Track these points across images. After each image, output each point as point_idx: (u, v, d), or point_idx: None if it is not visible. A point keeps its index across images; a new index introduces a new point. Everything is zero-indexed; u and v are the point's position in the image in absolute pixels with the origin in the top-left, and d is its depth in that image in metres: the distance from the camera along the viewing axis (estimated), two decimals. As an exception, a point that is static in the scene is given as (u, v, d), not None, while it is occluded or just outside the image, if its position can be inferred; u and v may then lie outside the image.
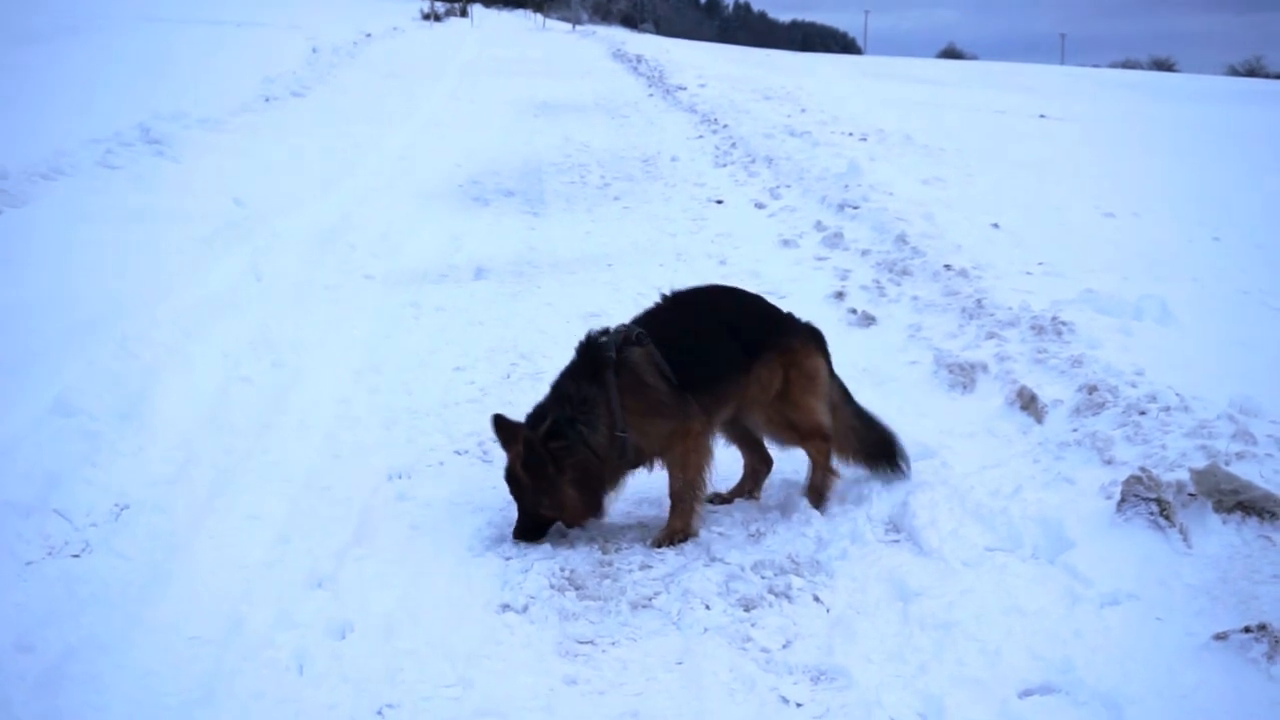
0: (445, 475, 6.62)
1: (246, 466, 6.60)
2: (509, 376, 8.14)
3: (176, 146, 15.57)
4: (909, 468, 6.32)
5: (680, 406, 5.75)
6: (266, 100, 22.01)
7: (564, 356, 8.31)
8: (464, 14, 75.79)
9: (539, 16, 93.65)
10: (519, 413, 7.04)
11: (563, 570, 5.45)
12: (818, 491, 6.14)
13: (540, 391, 7.67)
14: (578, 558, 5.62)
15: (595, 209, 14.26)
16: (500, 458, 6.74)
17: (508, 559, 5.58)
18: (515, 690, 4.52)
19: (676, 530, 5.78)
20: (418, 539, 5.81)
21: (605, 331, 5.98)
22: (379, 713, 4.38)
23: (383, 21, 45.81)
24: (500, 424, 5.79)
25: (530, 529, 5.77)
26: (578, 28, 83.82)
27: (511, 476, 5.78)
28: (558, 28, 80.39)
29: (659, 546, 5.69)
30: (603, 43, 53.40)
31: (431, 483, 6.50)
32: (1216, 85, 48.85)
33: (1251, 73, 72.45)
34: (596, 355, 5.85)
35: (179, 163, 15.01)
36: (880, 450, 6.33)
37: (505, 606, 5.13)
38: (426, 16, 66.19)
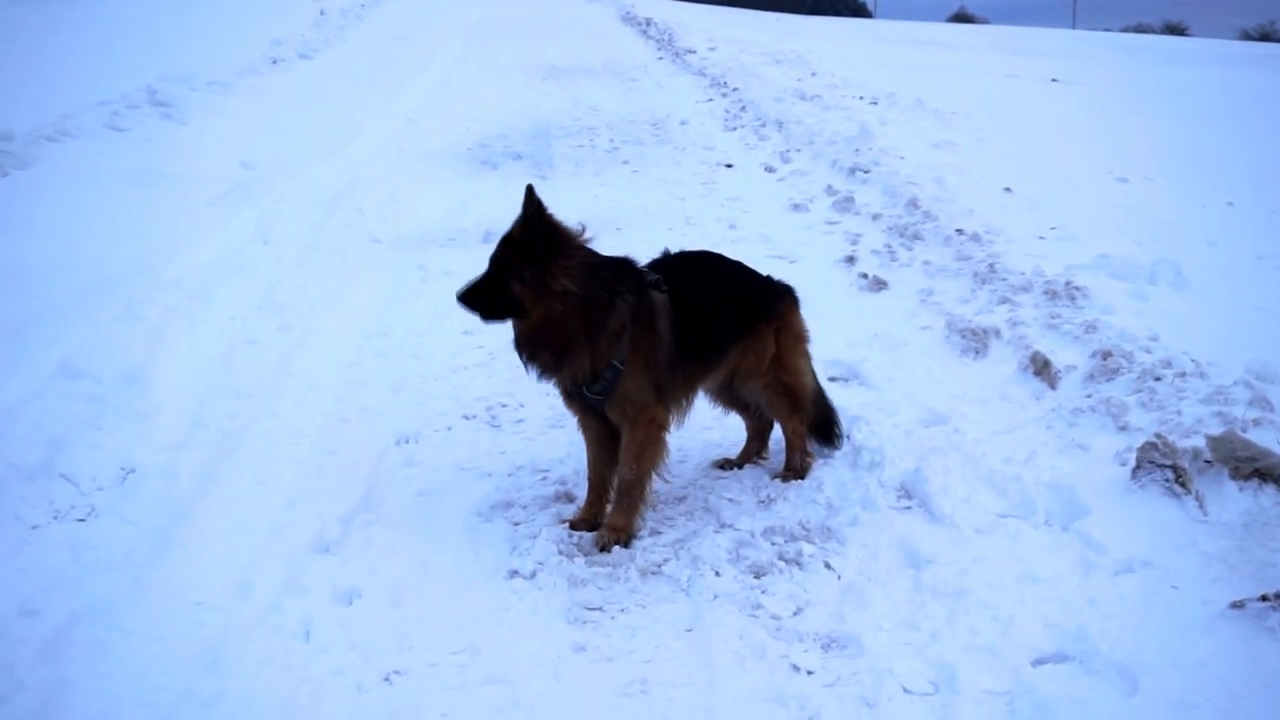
0: (453, 440, 6.59)
1: (253, 431, 6.60)
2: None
3: (184, 109, 15.57)
4: (841, 444, 6.30)
5: (668, 377, 5.56)
6: (274, 63, 21.89)
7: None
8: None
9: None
10: (515, 374, 7.06)
11: (571, 536, 5.42)
12: (796, 474, 6.08)
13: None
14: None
15: (604, 172, 14.18)
16: (509, 423, 6.75)
17: (516, 524, 5.57)
18: (523, 657, 4.50)
19: (620, 528, 5.44)
20: (425, 504, 5.80)
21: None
22: (386, 679, 4.36)
23: (392, -18, 45.63)
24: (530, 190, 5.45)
25: (483, 294, 5.70)
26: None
27: (509, 237, 5.53)
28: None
29: (602, 549, 5.32)
30: (612, 5, 52.89)
31: (439, 448, 6.48)
32: (1229, 49, 48.39)
33: (1265, 37, 71.91)
34: (639, 276, 5.63)
35: (186, 125, 15.02)
36: (821, 426, 6.25)
37: (513, 573, 5.11)
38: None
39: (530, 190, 5.37)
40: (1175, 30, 75.78)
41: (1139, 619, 4.53)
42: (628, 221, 11.40)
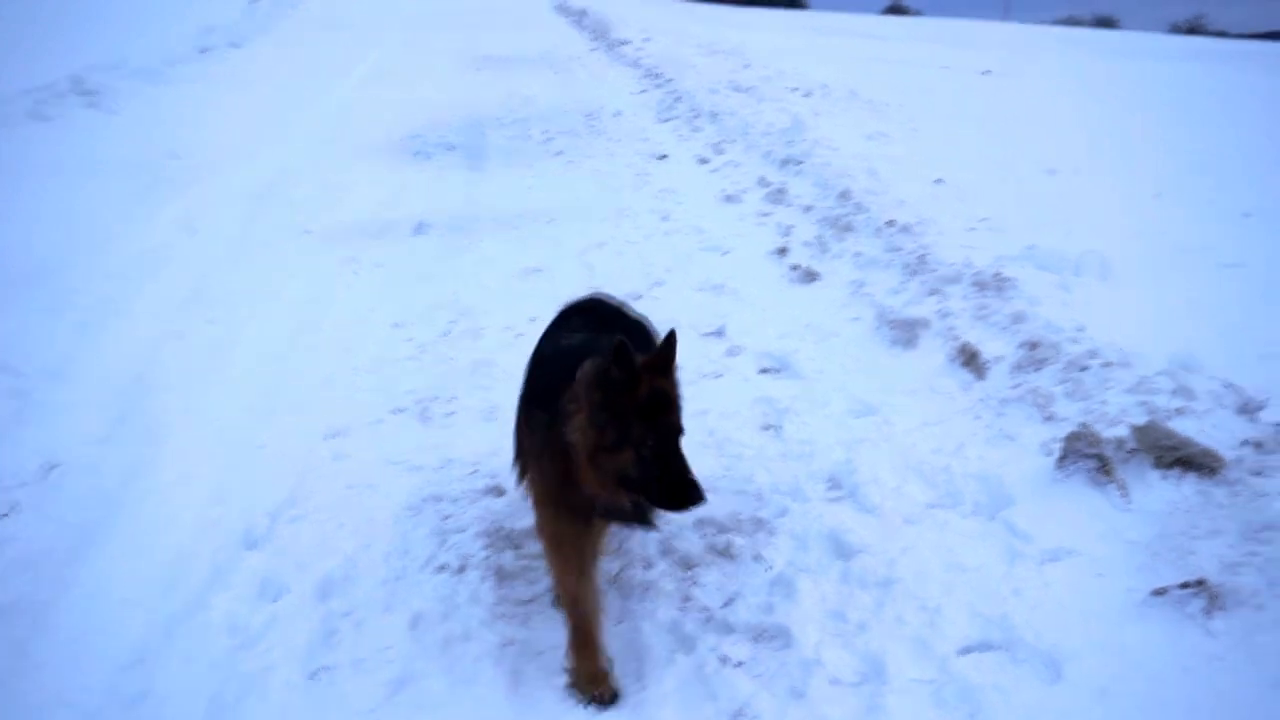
0: (382, 434, 6.54)
1: (180, 425, 6.53)
2: (448, 333, 8.05)
3: (111, 98, 15.39)
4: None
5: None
6: (203, 51, 21.67)
7: (504, 313, 8.31)
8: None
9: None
10: (459, 369, 7.01)
11: (500, 530, 5.41)
12: None
13: (481, 348, 7.67)
14: (515, 518, 5.53)
15: (537, 164, 14.11)
16: (439, 416, 6.72)
17: (445, 518, 5.55)
18: (453, 652, 4.49)
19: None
20: (354, 499, 5.76)
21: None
22: (313, 676, 4.36)
23: (323, -29, 45.27)
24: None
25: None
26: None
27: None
28: (500, -21, 79.70)
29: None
30: (546, -6, 52.98)
31: (368, 442, 6.43)
32: (1159, 42, 48.95)
33: (1193, 30, 72.82)
34: None
35: (114, 114, 14.86)
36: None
37: (442, 567, 5.10)
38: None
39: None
40: (1106, 23, 76.50)
41: (1064, 607, 4.59)
42: (561, 213, 11.36)
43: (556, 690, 4.31)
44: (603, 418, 4.04)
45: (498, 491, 5.81)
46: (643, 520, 4.26)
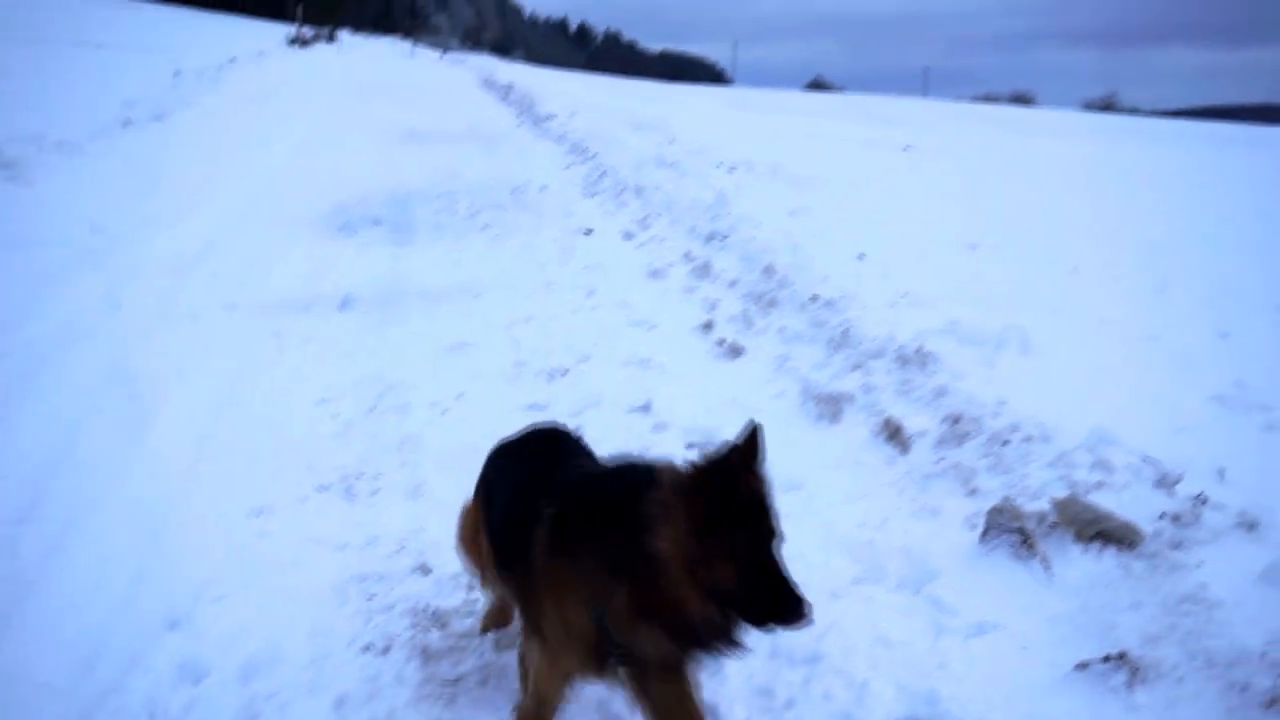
0: (307, 511, 6.42)
1: (100, 504, 6.38)
2: (375, 409, 7.98)
3: (30, 170, 15.10)
4: None
5: None
6: (126, 124, 21.40)
7: (431, 388, 8.27)
8: (332, 39, 75.14)
9: (408, 43, 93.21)
10: (385, 445, 6.96)
11: (426, 609, 5.34)
12: None
13: (407, 424, 7.61)
14: (441, 596, 5.49)
15: (464, 238, 14.10)
16: (365, 494, 6.64)
17: (370, 597, 5.45)
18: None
19: None
20: (278, 578, 5.64)
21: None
22: (235, 769, 4.27)
23: (249, 46, 45.06)
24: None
25: None
26: (447, 54, 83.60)
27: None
28: (427, 54, 79.96)
29: None
30: (472, 70, 53.20)
31: (293, 519, 6.31)
32: (1073, 120, 50.07)
33: (1106, 108, 74.53)
34: None
35: (32, 187, 14.61)
36: None
37: (367, 647, 5.02)
38: (294, 41, 65.33)
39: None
40: (1023, 100, 78.03)
41: (989, 681, 4.62)
42: (487, 288, 11.35)
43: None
44: (705, 525, 3.65)
45: (424, 570, 5.72)
46: (729, 641, 3.81)
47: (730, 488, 3.68)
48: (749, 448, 3.78)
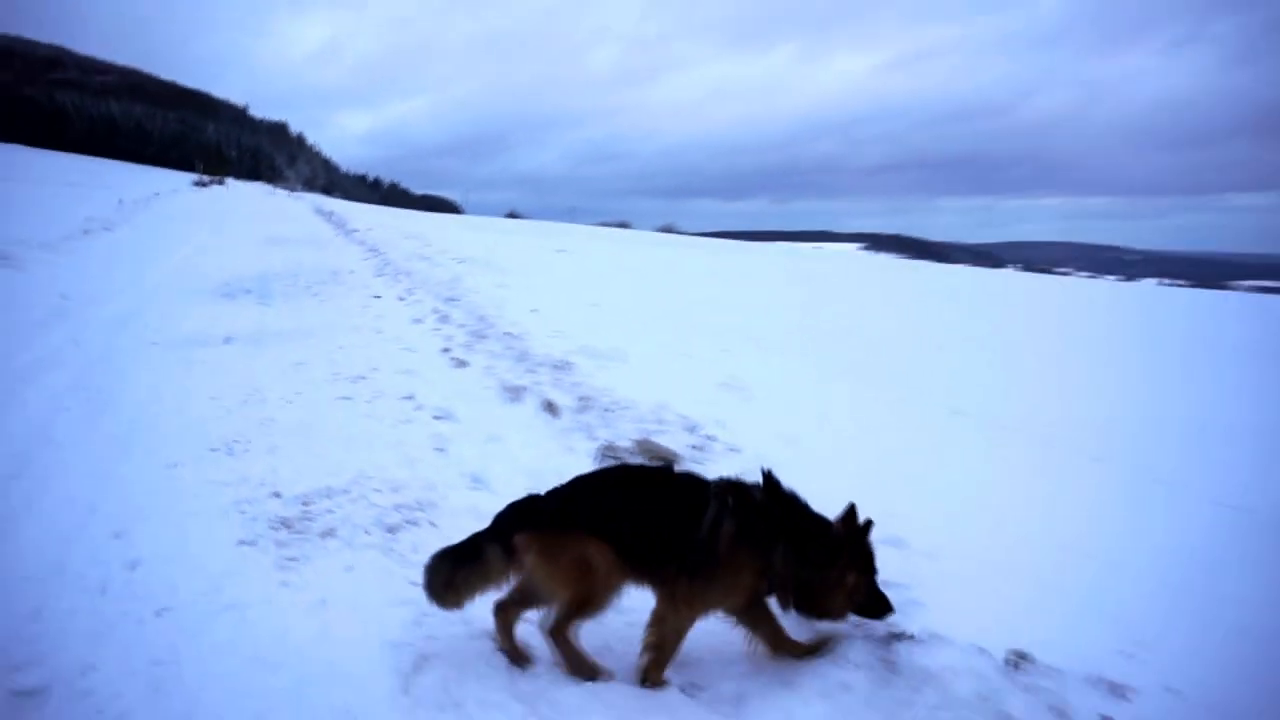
0: (204, 464, 5.96)
1: (67, 467, 5.81)
2: (246, 401, 7.45)
3: (20, 261, 13.85)
4: None
5: None
6: (86, 232, 19.77)
7: (281, 389, 7.83)
8: (222, 183, 70.48)
9: (270, 185, 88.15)
10: (251, 422, 6.54)
11: (278, 517, 5.09)
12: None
13: (266, 410, 7.18)
14: (287, 510, 5.21)
15: (303, 301, 13.40)
16: (240, 452, 6.23)
17: (244, 513, 5.15)
18: (250, 591, 4.23)
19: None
20: (186, 504, 5.26)
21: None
22: (158, 614, 3.99)
23: (168, 185, 41.56)
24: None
25: None
26: (294, 193, 79.36)
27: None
28: (282, 193, 75.49)
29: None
30: (310, 203, 50.49)
31: (195, 469, 5.86)
32: (654, 237, 51.81)
33: (669, 230, 77.48)
34: None
35: (23, 271, 13.27)
36: None
37: (242, 541, 4.77)
38: (197, 184, 61.46)
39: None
40: (624, 225, 79.86)
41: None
42: (317, 331, 10.80)
43: (314, 611, 4.09)
44: (863, 564, 3.60)
45: (277, 495, 5.38)
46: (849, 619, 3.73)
47: (865, 543, 3.60)
48: (867, 524, 3.60)
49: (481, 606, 3.90)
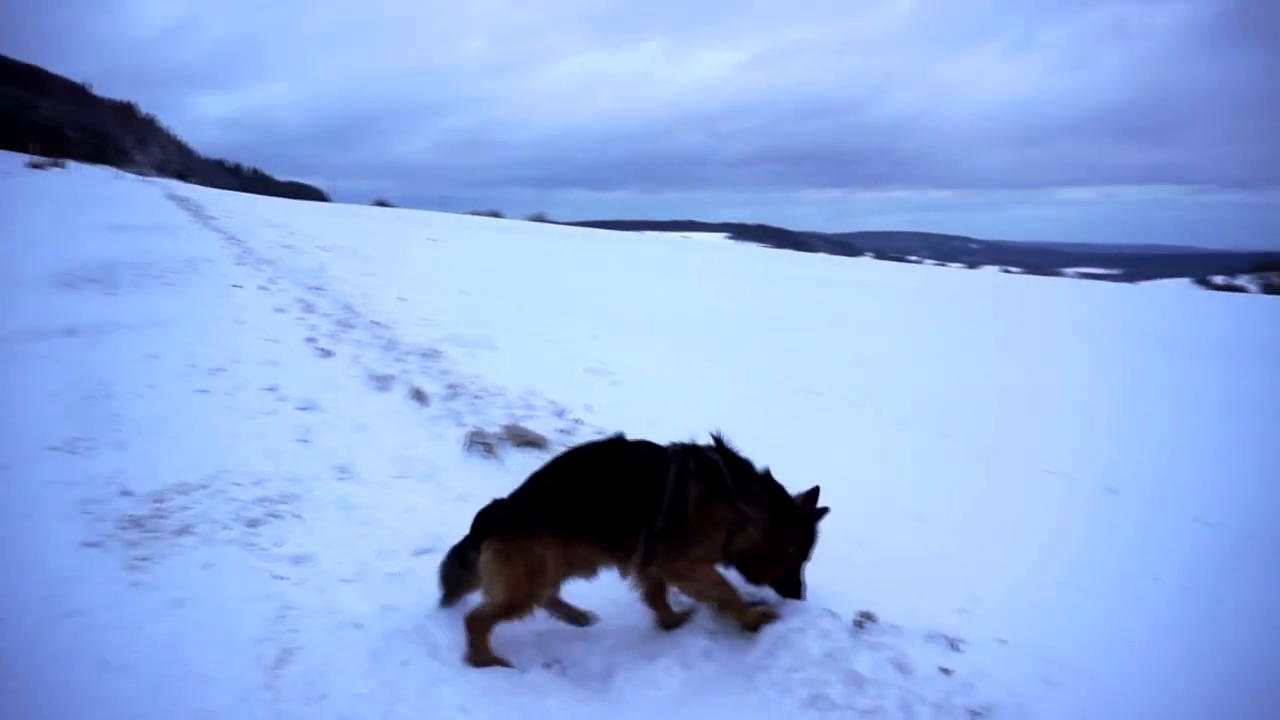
0: (41, 465, 5.53)
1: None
2: (91, 397, 6.96)
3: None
4: None
5: None
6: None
7: (129, 382, 7.38)
8: (61, 166, 64.64)
9: (118, 170, 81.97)
10: (96, 416, 6.16)
11: (128, 517, 4.80)
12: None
13: (113, 404, 6.78)
14: (139, 506, 4.93)
15: (155, 292, 12.59)
16: (84, 449, 5.89)
17: (88, 513, 4.83)
18: (96, 595, 3.97)
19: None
20: (23, 512, 4.87)
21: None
22: (-10, 622, 3.70)
23: (-4, 167, 38.16)
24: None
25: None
26: (145, 178, 74.27)
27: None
28: (130, 178, 70.43)
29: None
30: (162, 189, 47.30)
31: (30, 471, 5.41)
32: (526, 225, 51.52)
33: (540, 219, 77.28)
34: None
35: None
36: None
37: (87, 543, 4.48)
38: (32, 164, 55.60)
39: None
40: (495, 214, 78.85)
41: (467, 521, 4.75)
42: (170, 321, 10.19)
43: (172, 610, 3.91)
44: (806, 538, 3.68)
45: (127, 493, 5.09)
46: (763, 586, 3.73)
47: (816, 525, 3.65)
48: (825, 510, 3.70)
49: (343, 595, 3.81)
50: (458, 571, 3.82)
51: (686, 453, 3.66)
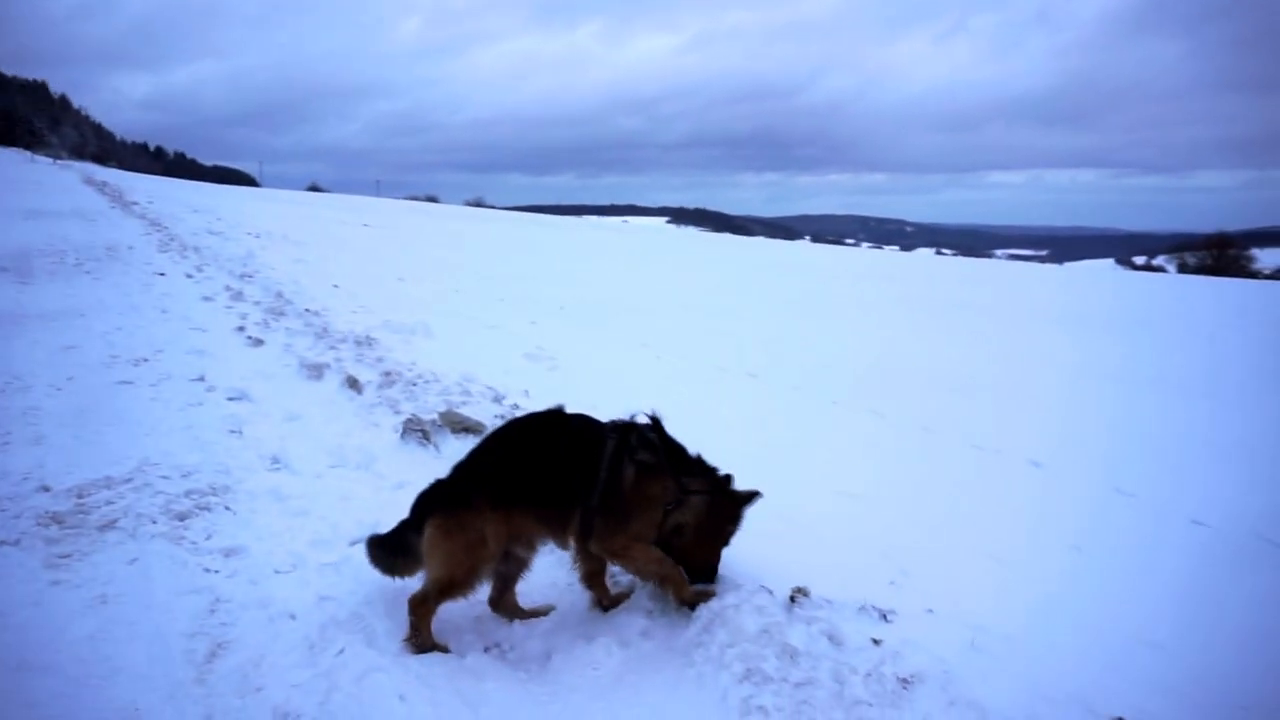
0: None
1: None
2: (3, 390, 6.72)
3: None
4: None
5: None
6: None
7: (46, 374, 7.14)
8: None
9: (28, 153, 78.24)
10: (11, 413, 5.97)
11: (46, 511, 4.64)
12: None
13: (33, 395, 6.57)
14: (59, 502, 4.76)
15: (72, 280, 12.18)
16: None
17: (2, 510, 4.64)
18: (13, 594, 3.83)
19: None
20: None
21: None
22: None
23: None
24: None
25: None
26: (58, 161, 71.22)
27: None
28: (44, 162, 67.54)
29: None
30: (78, 173, 45.61)
31: None
32: (460, 211, 50.77)
33: (479, 204, 76.44)
34: None
35: None
36: None
37: (1, 542, 4.29)
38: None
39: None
40: (432, 199, 77.82)
41: (404, 509, 4.70)
42: (89, 311, 9.87)
43: (94, 607, 3.78)
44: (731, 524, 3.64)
45: (45, 489, 4.91)
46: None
47: (737, 512, 3.60)
48: (753, 498, 3.64)
49: (277, 586, 3.75)
50: (397, 557, 3.74)
51: (625, 429, 3.63)
